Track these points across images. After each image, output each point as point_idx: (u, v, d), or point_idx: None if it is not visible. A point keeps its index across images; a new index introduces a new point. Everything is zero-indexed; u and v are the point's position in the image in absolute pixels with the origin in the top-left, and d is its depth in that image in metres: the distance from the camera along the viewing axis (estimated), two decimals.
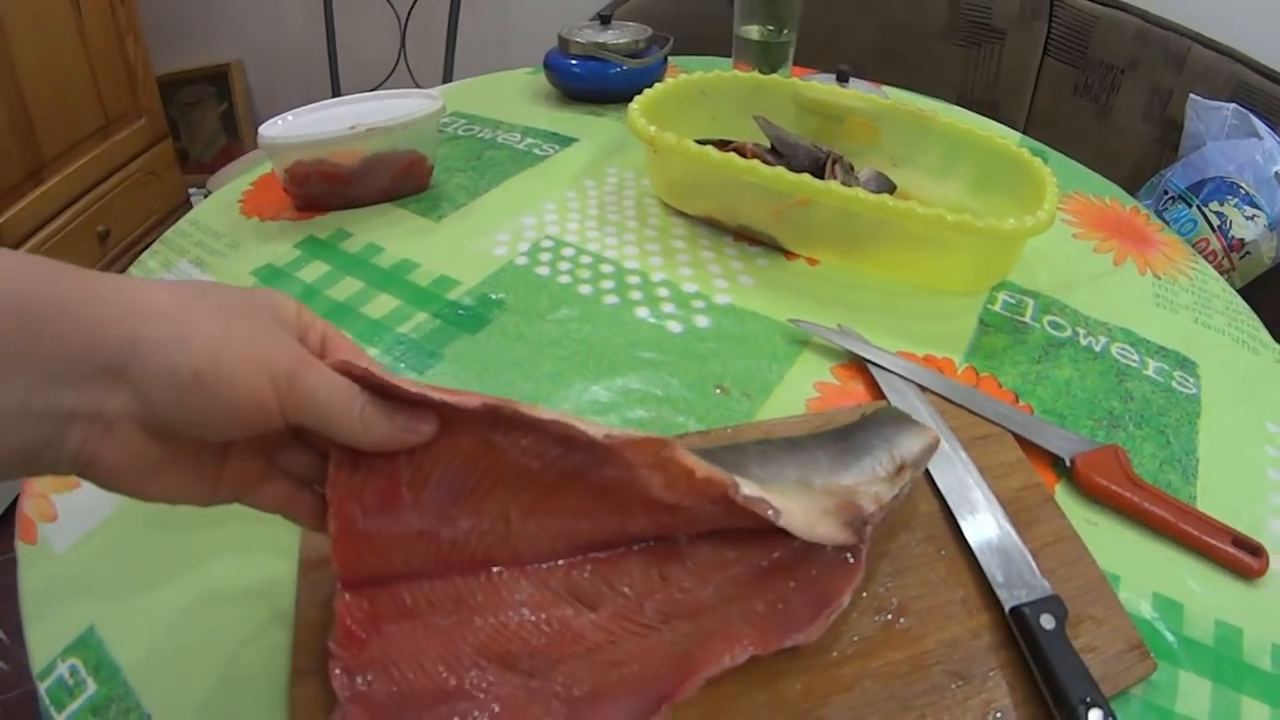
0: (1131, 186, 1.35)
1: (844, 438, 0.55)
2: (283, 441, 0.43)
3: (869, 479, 0.52)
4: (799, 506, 0.48)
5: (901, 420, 0.57)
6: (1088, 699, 0.45)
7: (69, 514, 0.57)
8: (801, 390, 0.67)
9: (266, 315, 0.39)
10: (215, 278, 0.78)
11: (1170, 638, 0.53)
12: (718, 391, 0.67)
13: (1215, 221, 1.33)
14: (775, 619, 0.48)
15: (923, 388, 0.66)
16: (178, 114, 2.43)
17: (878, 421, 0.57)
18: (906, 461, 0.54)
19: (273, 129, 0.81)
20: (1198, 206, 1.34)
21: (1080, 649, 0.48)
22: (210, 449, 0.40)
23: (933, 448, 0.55)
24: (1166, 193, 1.40)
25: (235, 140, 2.54)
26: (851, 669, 0.49)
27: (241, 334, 0.37)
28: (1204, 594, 0.55)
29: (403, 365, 0.68)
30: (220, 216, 0.87)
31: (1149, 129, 1.59)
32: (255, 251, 0.81)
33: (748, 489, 0.47)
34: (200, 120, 2.51)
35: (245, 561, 0.54)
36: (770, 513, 0.47)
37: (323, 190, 0.85)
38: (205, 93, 2.49)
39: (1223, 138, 1.39)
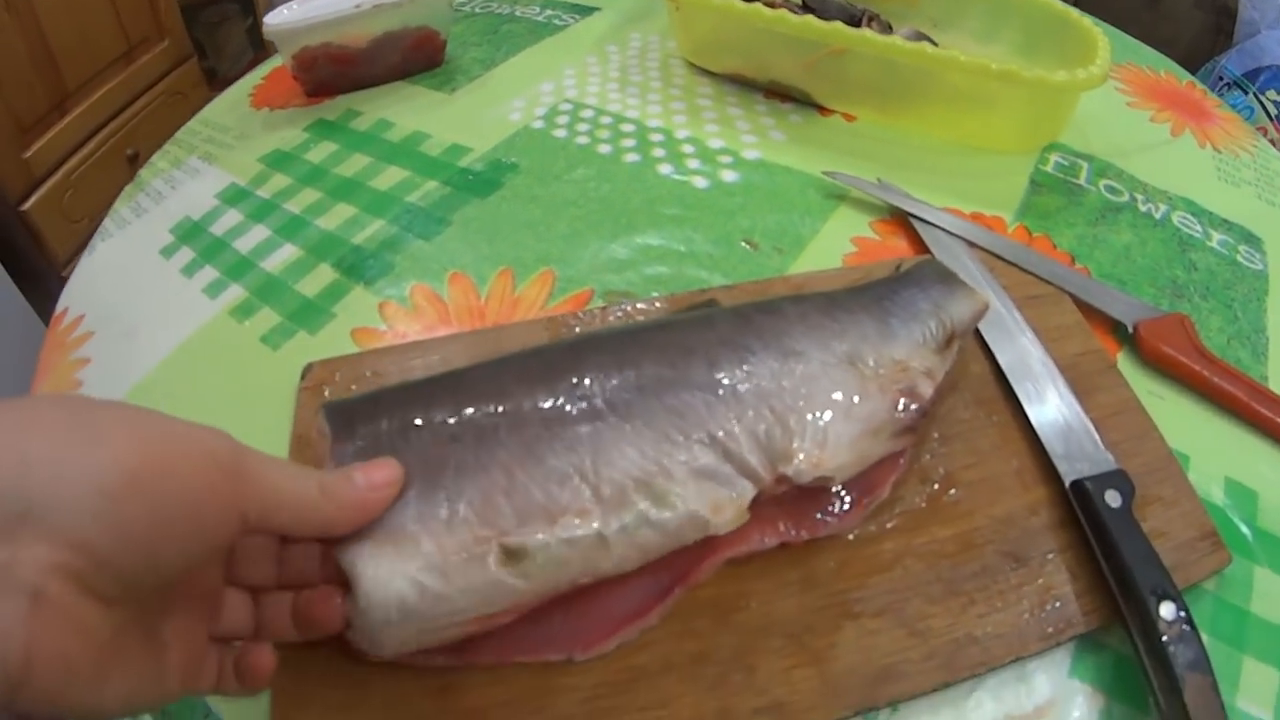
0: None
1: (887, 296, 0.44)
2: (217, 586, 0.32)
3: (919, 349, 0.41)
4: (847, 444, 0.38)
5: (948, 278, 0.45)
6: (1158, 589, 0.35)
7: None
8: (838, 245, 0.55)
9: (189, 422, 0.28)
10: (222, 169, 0.68)
11: (1244, 529, 0.42)
12: (746, 246, 0.55)
13: (1273, 111, 1.16)
14: (810, 505, 0.38)
15: (970, 244, 0.54)
16: (203, 35, 2.27)
17: (922, 278, 0.45)
18: (956, 329, 0.43)
19: (278, 17, 0.69)
20: (1254, 94, 1.17)
21: (1147, 533, 0.38)
22: (152, 607, 0.27)
23: (981, 313, 0.44)
24: (1221, 79, 1.24)
25: (262, 52, 2.39)
26: (893, 546, 0.39)
27: (165, 424, 0.26)
28: None
29: (410, 234, 0.59)
30: (230, 112, 0.77)
31: (1201, 15, 1.39)
32: (263, 140, 0.71)
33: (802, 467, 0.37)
34: (226, 38, 2.36)
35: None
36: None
37: (332, 73, 0.74)
38: (229, 11, 2.33)
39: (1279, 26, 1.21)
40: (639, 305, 0.50)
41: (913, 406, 0.39)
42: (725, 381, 0.38)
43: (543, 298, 0.53)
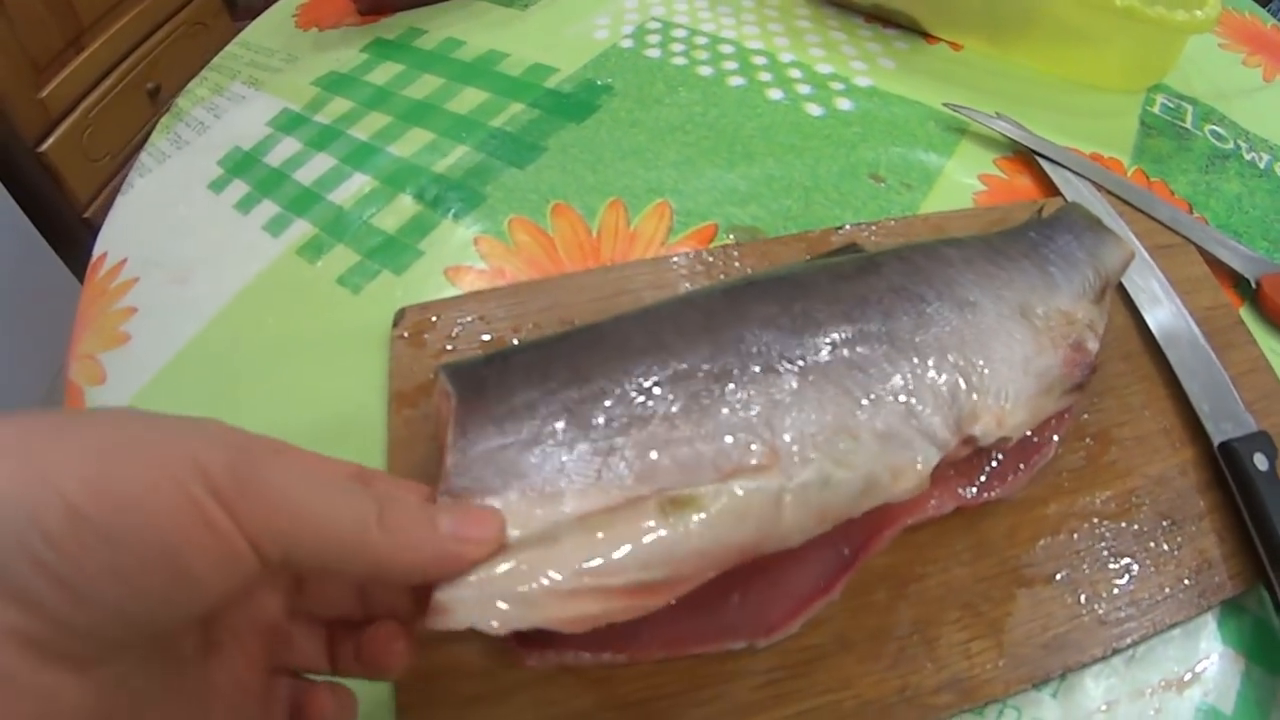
0: None
1: (1043, 243, 0.40)
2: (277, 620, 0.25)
3: (1081, 300, 0.38)
4: (1025, 401, 0.34)
5: (1097, 225, 0.41)
6: None
7: (118, 373, 0.44)
8: (965, 182, 0.51)
9: (173, 419, 0.20)
10: (272, 95, 0.61)
11: None
12: (872, 180, 0.51)
13: None
14: (977, 467, 0.35)
15: (1098, 186, 0.50)
16: None
17: (1073, 224, 0.41)
18: (1109, 279, 0.39)
19: None
20: None
21: None
22: (168, 655, 0.21)
23: (1128, 263, 0.41)
24: None
25: None
26: (1057, 508, 0.37)
27: (133, 435, 0.19)
28: None
29: (500, 161, 0.53)
30: (273, 34, 0.69)
31: None
32: (315, 61, 0.63)
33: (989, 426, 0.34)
34: None
35: (324, 401, 0.41)
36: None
37: None
38: None
39: None
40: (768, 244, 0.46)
41: (1083, 363, 0.36)
42: (904, 333, 0.34)
43: (662, 232, 0.48)
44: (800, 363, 0.32)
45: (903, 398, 0.32)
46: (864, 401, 0.32)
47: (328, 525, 0.20)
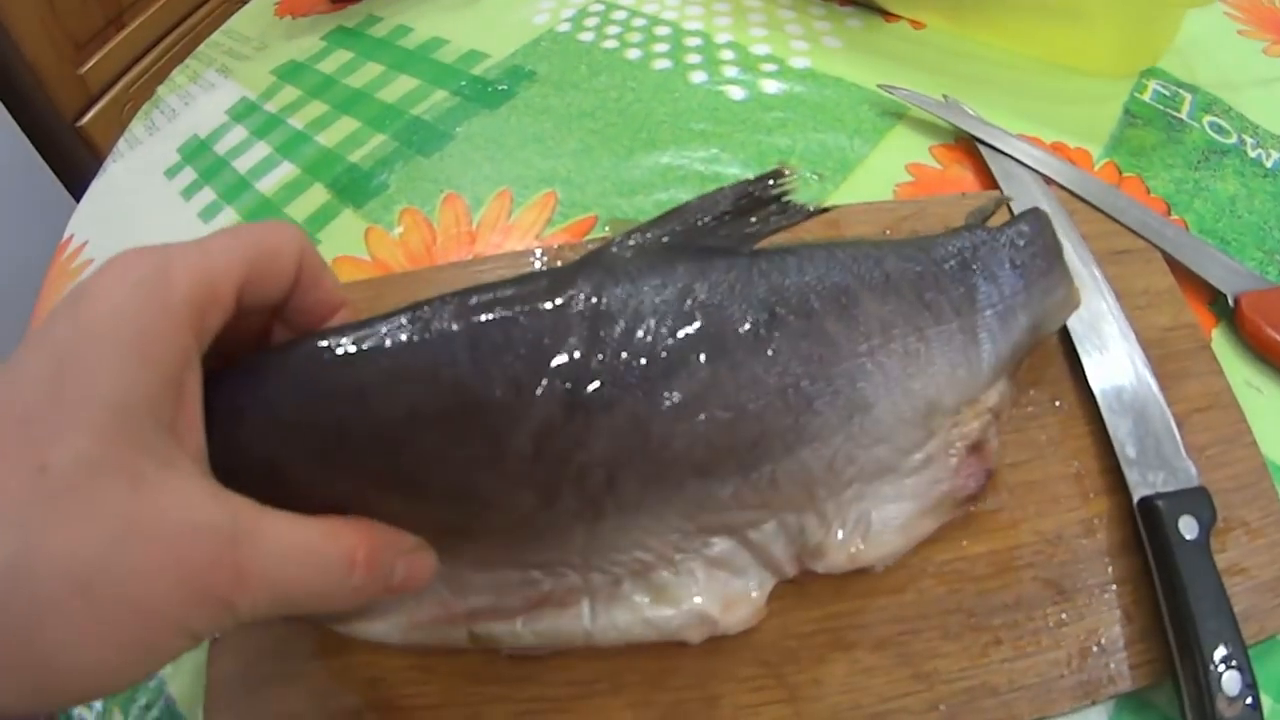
0: None
1: (981, 288, 0.30)
2: None
3: (999, 375, 0.30)
4: (896, 528, 0.27)
5: (1052, 261, 0.32)
6: (1225, 654, 0.26)
7: None
8: (889, 173, 0.44)
9: (136, 422, 0.18)
10: (236, 83, 0.60)
11: None
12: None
13: None
14: None
15: (1048, 179, 0.42)
16: None
17: (1027, 256, 0.31)
18: (1038, 342, 0.32)
19: None
20: None
21: (1223, 569, 0.28)
22: None
23: (1068, 315, 0.33)
24: None
25: None
26: (909, 561, 0.29)
27: (122, 557, 0.17)
28: None
29: (410, 150, 0.49)
30: (254, 21, 0.68)
31: None
32: (280, 50, 0.62)
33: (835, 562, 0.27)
34: None
35: None
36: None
37: None
38: None
39: None
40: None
41: (981, 471, 0.28)
42: (765, 468, 0.25)
43: (540, 224, 0.43)
44: (634, 499, 0.25)
45: (744, 531, 0.26)
46: (695, 533, 0.26)
47: (305, 600, 0.21)
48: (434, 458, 0.23)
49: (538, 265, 0.39)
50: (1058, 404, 0.33)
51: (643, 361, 0.24)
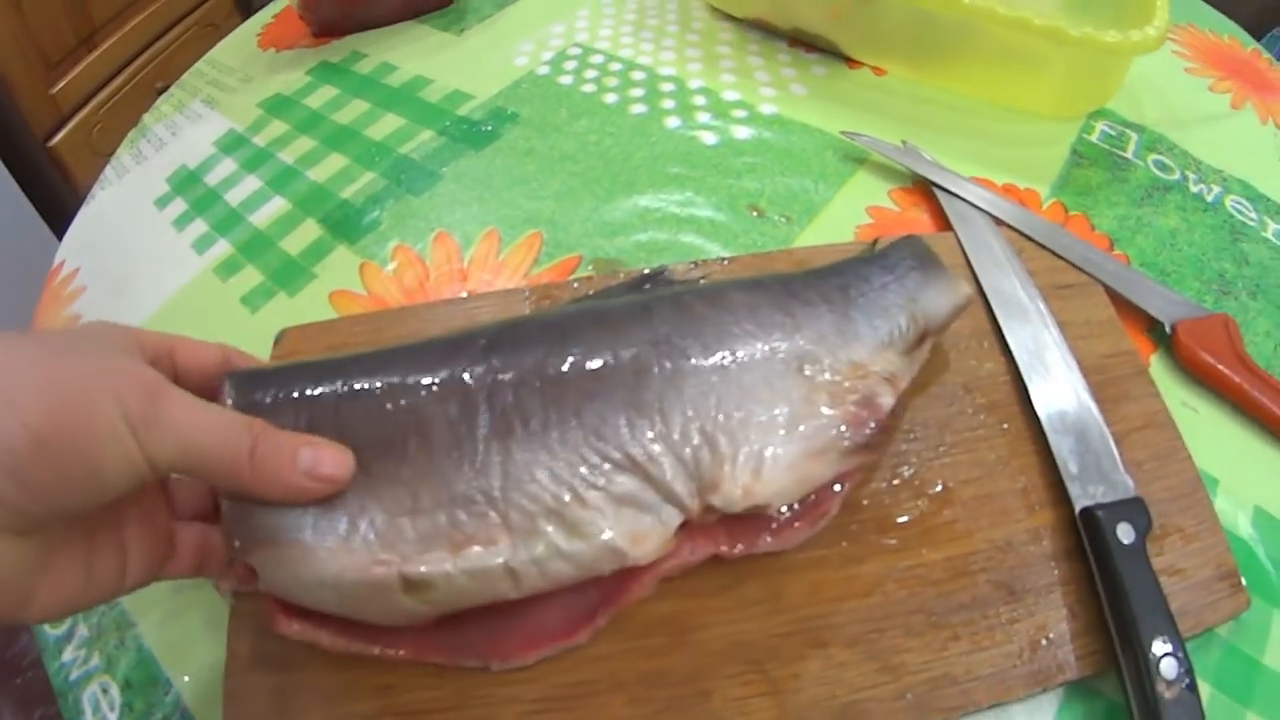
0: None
1: (854, 284, 0.37)
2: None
3: (883, 350, 0.35)
4: (785, 467, 0.31)
5: (927, 263, 0.38)
6: (1162, 643, 0.30)
7: None
8: (851, 215, 0.49)
9: (100, 344, 0.27)
10: (223, 115, 0.63)
11: (1269, 567, 0.36)
12: (752, 213, 0.49)
13: None
14: (749, 519, 0.32)
15: (998, 220, 0.47)
16: None
17: (897, 263, 0.38)
18: (930, 326, 0.36)
19: None
20: None
21: (1161, 570, 0.32)
22: (97, 522, 0.28)
23: (962, 308, 0.37)
24: None
25: None
26: (874, 568, 0.33)
27: (77, 374, 0.25)
28: None
29: (400, 188, 0.53)
30: (236, 52, 0.71)
31: None
32: (266, 83, 0.66)
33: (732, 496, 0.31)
34: None
35: None
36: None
37: (338, 12, 0.67)
38: None
39: None
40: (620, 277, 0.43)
41: (870, 421, 0.33)
42: (651, 397, 0.32)
43: (528, 263, 0.47)
44: (541, 426, 0.31)
45: (643, 463, 0.31)
46: (600, 467, 0.30)
47: (210, 456, 0.26)
48: (388, 396, 0.31)
49: (525, 304, 0.43)
50: (1005, 426, 0.38)
51: (542, 328, 0.34)
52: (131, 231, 0.56)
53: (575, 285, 0.44)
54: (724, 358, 0.33)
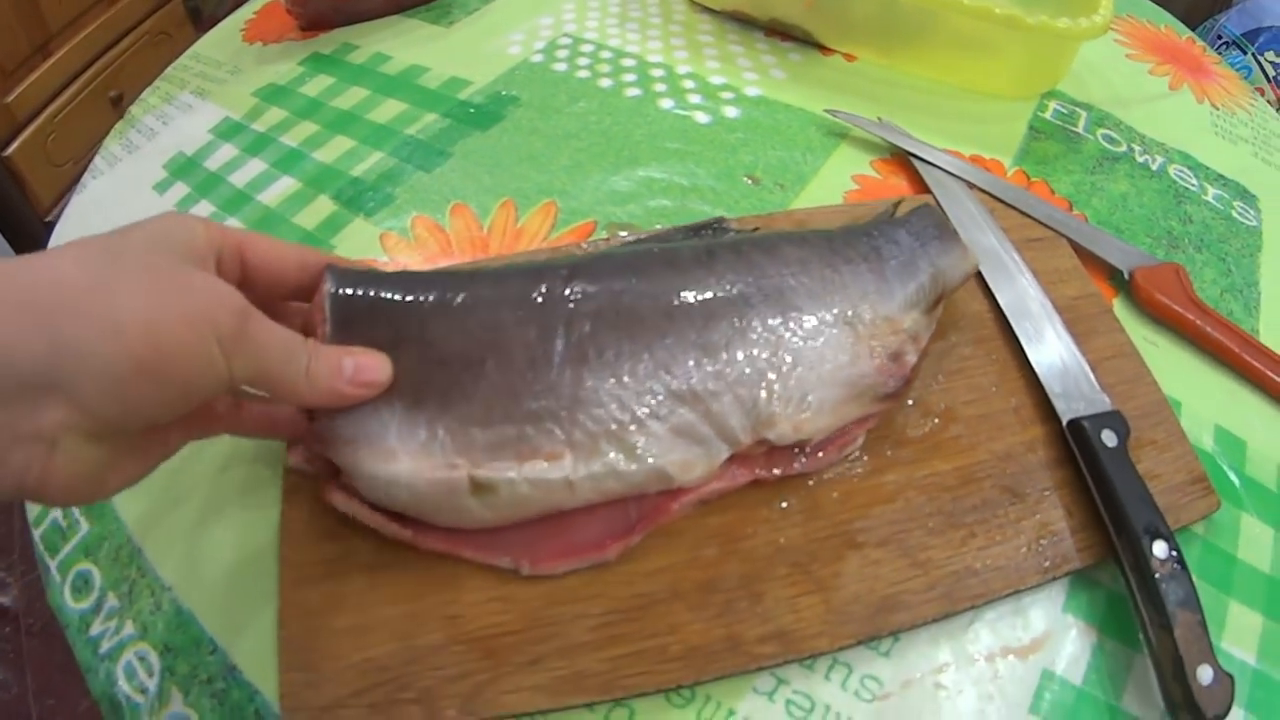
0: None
1: (885, 246, 0.42)
2: None
3: (911, 309, 0.40)
4: (830, 408, 0.36)
5: (945, 232, 0.43)
6: (1151, 528, 0.35)
7: None
8: (839, 183, 0.54)
9: (188, 258, 0.30)
10: (216, 104, 0.65)
11: (1233, 477, 0.42)
12: (748, 181, 0.54)
13: (1271, 72, 1.13)
14: (778, 448, 0.37)
15: (970, 185, 0.53)
16: None
17: (922, 229, 0.43)
18: (946, 289, 0.41)
19: None
20: (1253, 54, 1.14)
21: (1141, 474, 0.37)
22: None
23: (970, 274, 0.43)
24: (1220, 38, 1.20)
25: None
26: (895, 478, 0.38)
27: (175, 299, 0.28)
28: (1267, 435, 0.44)
29: (410, 165, 0.56)
30: (221, 47, 0.73)
31: None
32: (257, 74, 0.68)
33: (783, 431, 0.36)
34: None
35: None
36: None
37: (326, 5, 0.70)
38: None
39: None
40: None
41: (897, 374, 0.38)
42: (718, 338, 0.36)
43: (545, 229, 0.51)
44: (614, 356, 0.35)
45: (704, 398, 0.35)
46: (665, 399, 0.34)
47: (277, 374, 0.30)
48: (472, 314, 0.35)
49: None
50: (994, 357, 0.43)
51: (618, 266, 0.38)
52: (131, 215, 0.54)
53: (597, 245, 0.47)
54: (783, 308, 0.37)
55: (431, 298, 0.35)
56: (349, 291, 0.34)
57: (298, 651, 0.34)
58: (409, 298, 0.35)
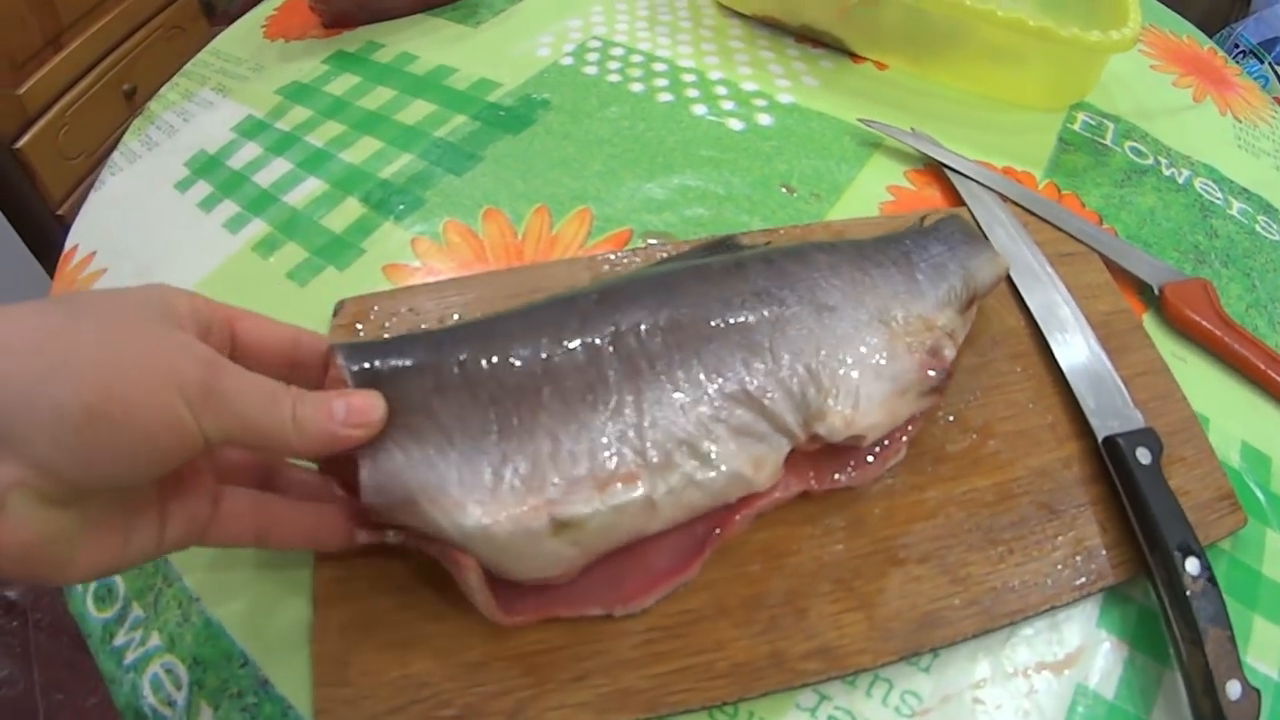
0: None
1: (915, 250, 0.43)
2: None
3: (944, 309, 0.41)
4: (879, 403, 0.37)
5: (974, 238, 0.44)
6: (1183, 545, 0.36)
7: None
8: (874, 193, 0.55)
9: (157, 317, 0.28)
10: (237, 101, 0.66)
11: (1258, 493, 0.43)
12: (784, 191, 0.55)
13: None
14: (833, 459, 0.38)
15: (1004, 197, 0.54)
16: None
17: (950, 235, 0.44)
18: (978, 291, 0.43)
19: None
20: (1269, 64, 1.15)
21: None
22: (137, 493, 0.29)
23: (1001, 277, 0.44)
24: (1237, 46, 1.21)
25: None
26: (935, 494, 0.39)
27: (135, 348, 0.26)
28: None
29: (440, 168, 0.57)
30: (242, 43, 0.73)
31: None
32: (280, 71, 0.68)
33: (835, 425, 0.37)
34: None
35: None
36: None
37: (350, 4, 0.70)
38: None
39: None
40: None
41: (938, 368, 0.39)
42: (761, 338, 0.37)
43: (581, 236, 0.52)
44: (666, 366, 0.35)
45: (758, 396, 0.36)
46: (722, 401, 0.35)
47: (258, 425, 0.28)
48: (512, 349, 0.34)
49: (586, 273, 0.47)
50: (1029, 373, 0.44)
51: (647, 283, 0.39)
52: (151, 214, 0.58)
53: (635, 254, 0.48)
54: (818, 307, 0.38)
55: (456, 346, 0.34)
56: (362, 359, 0.33)
57: (333, 666, 0.34)
58: (432, 351, 0.34)
